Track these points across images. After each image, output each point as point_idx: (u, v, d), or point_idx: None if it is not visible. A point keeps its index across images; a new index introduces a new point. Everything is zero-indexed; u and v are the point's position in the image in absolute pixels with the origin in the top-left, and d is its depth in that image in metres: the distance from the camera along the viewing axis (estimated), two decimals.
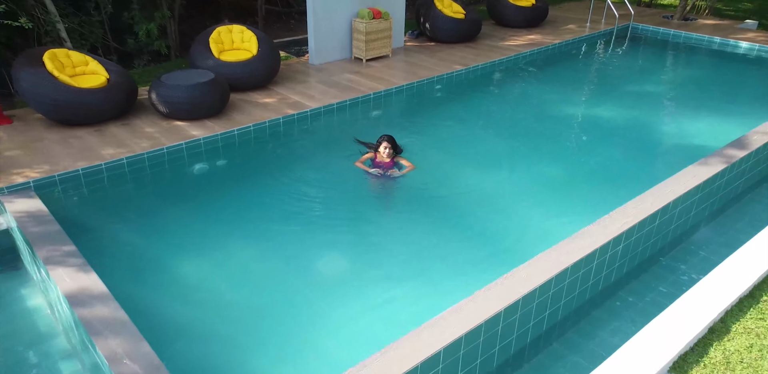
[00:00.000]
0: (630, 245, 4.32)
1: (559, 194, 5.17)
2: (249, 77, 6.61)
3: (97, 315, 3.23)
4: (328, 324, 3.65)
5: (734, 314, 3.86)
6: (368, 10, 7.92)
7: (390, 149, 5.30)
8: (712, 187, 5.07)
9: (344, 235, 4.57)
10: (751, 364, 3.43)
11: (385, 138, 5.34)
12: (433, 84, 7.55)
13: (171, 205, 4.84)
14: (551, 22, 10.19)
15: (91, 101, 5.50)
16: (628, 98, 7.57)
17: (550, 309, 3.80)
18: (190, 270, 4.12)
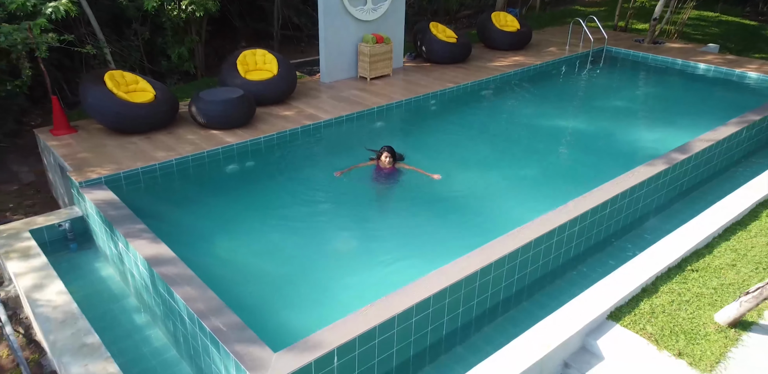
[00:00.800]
0: (585, 228, 5.36)
1: (533, 189, 6.21)
2: (271, 94, 7.71)
3: (171, 272, 4.25)
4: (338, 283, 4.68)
5: (663, 279, 4.89)
6: (372, 36, 9.07)
7: (390, 157, 6.34)
8: (657, 183, 6.13)
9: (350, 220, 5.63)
10: (670, 314, 4.45)
11: (386, 149, 6.37)
12: (428, 99, 8.66)
13: (211, 196, 5.89)
14: (534, 45, 11.36)
15: (142, 114, 6.58)
16: (597, 112, 8.69)
17: (518, 275, 4.83)
18: (229, 243, 5.16)
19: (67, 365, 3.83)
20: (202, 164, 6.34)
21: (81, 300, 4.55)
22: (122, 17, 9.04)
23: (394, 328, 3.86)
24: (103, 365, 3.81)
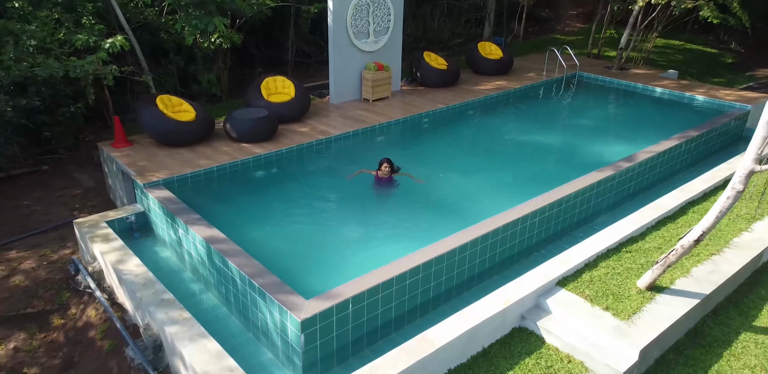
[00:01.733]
0: (544, 219, 6.72)
1: (507, 190, 7.57)
2: (289, 113, 9.13)
3: (224, 248, 5.58)
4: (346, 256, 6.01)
5: (602, 257, 6.22)
6: (373, 64, 10.54)
7: (388, 168, 7.69)
8: (605, 186, 7.51)
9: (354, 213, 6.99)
10: (604, 282, 5.78)
11: (385, 160, 7.72)
12: (422, 118, 10.09)
13: (245, 194, 7.25)
14: (515, 70, 12.86)
15: (187, 130, 7.98)
16: (566, 128, 10.11)
17: (489, 254, 6.17)
18: (262, 229, 6.50)
19: (153, 313, 5.15)
20: (236, 170, 7.72)
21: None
22: (161, 49, 10.52)
23: (392, 287, 5.19)
24: (179, 312, 5.13)
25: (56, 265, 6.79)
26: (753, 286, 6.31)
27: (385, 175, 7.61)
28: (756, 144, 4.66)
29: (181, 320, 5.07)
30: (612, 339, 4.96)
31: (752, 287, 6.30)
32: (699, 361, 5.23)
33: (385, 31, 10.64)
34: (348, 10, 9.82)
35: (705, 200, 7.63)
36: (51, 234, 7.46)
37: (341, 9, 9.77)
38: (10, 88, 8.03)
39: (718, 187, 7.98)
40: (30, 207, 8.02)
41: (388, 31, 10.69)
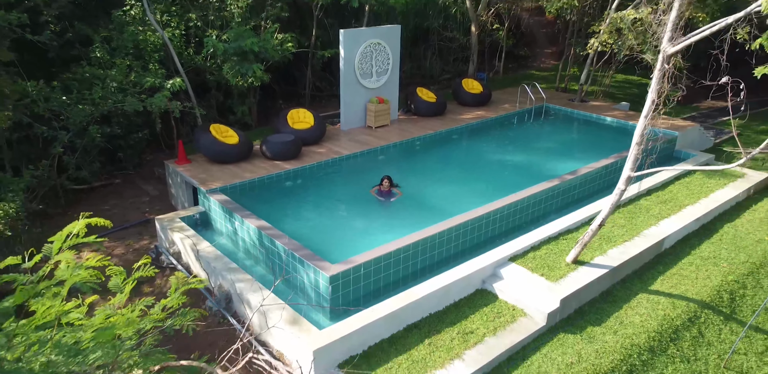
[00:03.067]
0: (504, 216, 8.92)
1: (479, 195, 9.75)
2: (310, 138, 11.41)
3: (272, 233, 7.77)
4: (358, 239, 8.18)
5: (544, 242, 8.38)
6: (376, 98, 12.89)
7: (388, 183, 9.91)
8: (553, 192, 9.73)
9: (362, 212, 9.18)
10: (543, 259, 7.94)
11: (386, 177, 9.95)
12: (415, 141, 12.38)
13: (280, 198, 9.45)
14: (493, 102, 15.22)
15: (232, 151, 10.25)
16: (531, 150, 12.40)
17: (462, 239, 8.34)
18: (295, 222, 8.67)
19: (225, 276, 7.31)
20: (272, 181, 9.96)
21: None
22: (204, 86, 12.88)
23: (391, 258, 7.37)
24: (242, 275, 7.29)
25: (139, 251, 8.96)
26: (654, 264, 8.47)
27: (386, 188, 9.85)
28: (631, 159, 6.94)
29: (245, 280, 7.24)
30: (543, 293, 7.13)
31: (653, 265, 8.46)
32: (605, 311, 7.38)
33: (385, 72, 13.03)
34: (356, 56, 12.22)
35: (630, 204, 9.85)
36: (131, 230, 9.64)
37: (350, 55, 12.17)
38: (98, 119, 10.32)
39: (641, 194, 10.22)
40: (110, 211, 10.21)
41: (387, 72, 13.08)
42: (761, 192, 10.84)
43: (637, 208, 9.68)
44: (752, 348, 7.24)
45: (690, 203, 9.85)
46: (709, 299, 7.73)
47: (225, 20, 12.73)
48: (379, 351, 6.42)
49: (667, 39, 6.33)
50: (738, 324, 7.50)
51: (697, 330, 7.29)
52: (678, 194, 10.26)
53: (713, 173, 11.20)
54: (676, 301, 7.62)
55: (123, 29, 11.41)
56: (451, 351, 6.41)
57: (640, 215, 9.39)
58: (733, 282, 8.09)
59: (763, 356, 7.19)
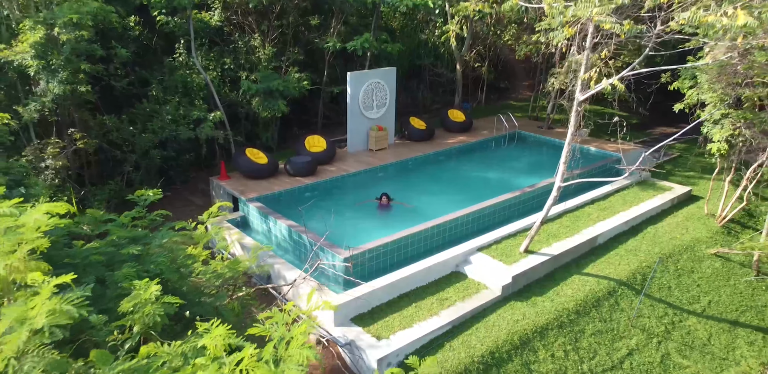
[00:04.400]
0: (476, 218, 11.42)
1: (460, 204, 12.27)
2: (323, 159, 13.98)
3: (298, 229, 10.27)
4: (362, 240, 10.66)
5: (505, 238, 10.85)
6: (376, 126, 15.51)
7: (386, 198, 12.43)
8: (517, 201, 12.25)
9: (366, 216, 11.69)
10: (503, 249, 10.41)
11: (384, 194, 12.48)
12: (408, 161, 14.95)
13: (302, 205, 11.96)
14: (475, 128, 17.85)
15: (263, 169, 12.80)
16: (503, 168, 14.97)
17: (447, 234, 10.82)
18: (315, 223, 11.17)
19: (266, 260, 9.78)
20: (293, 193, 12.48)
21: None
22: (236, 117, 15.52)
23: (388, 248, 9.85)
24: (278, 260, 9.76)
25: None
26: (588, 255, 10.94)
27: (384, 203, 12.37)
28: (559, 174, 9.50)
29: (281, 262, 9.71)
30: (500, 273, 9.60)
31: (588, 255, 10.93)
32: (546, 286, 9.82)
33: (383, 105, 15.71)
34: (360, 93, 14.90)
35: (576, 210, 12.37)
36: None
37: (355, 92, 14.85)
38: (156, 145, 12.90)
39: (587, 203, 12.74)
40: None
41: (385, 105, 15.76)
42: (683, 202, 13.37)
43: (581, 213, 12.21)
44: (654, 314, 9.70)
45: (623, 210, 12.37)
46: (626, 279, 10.20)
47: (253, 63, 15.45)
48: (379, 310, 8.85)
49: (579, 90, 8.96)
50: (645, 297, 9.96)
51: (614, 300, 9.75)
52: (615, 203, 12.80)
53: (647, 186, 13.77)
54: (600, 280, 10.08)
55: (173, 72, 14.11)
56: (431, 310, 8.84)
57: (582, 219, 11.91)
58: (646, 267, 10.57)
59: (661, 319, 9.65)
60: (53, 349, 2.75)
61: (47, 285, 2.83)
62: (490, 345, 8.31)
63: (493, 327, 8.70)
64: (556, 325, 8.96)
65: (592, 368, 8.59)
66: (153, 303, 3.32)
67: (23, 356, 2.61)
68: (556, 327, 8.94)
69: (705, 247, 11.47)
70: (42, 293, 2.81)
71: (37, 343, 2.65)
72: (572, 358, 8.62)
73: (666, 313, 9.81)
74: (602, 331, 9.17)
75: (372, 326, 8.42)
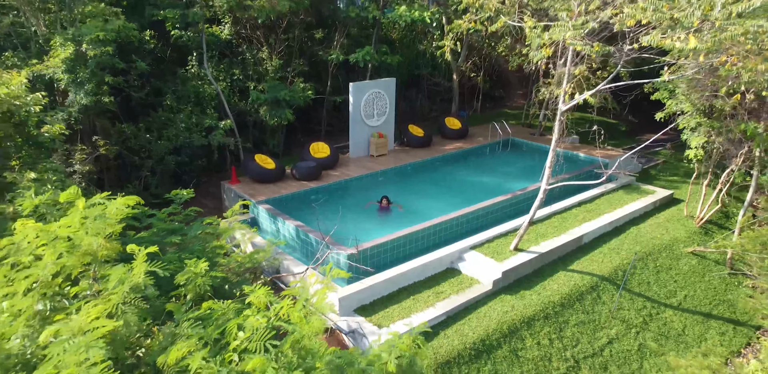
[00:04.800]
0: (471, 219, 12.22)
1: (454, 205, 13.08)
2: (328, 164, 14.79)
3: (306, 229, 11.06)
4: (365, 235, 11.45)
5: (497, 237, 11.64)
6: (376, 133, 16.34)
7: (386, 201, 13.24)
8: (508, 204, 13.05)
9: (367, 218, 12.49)
10: (495, 248, 11.20)
11: (384, 197, 13.30)
12: (407, 167, 15.77)
13: (307, 207, 12.76)
14: (470, 136, 18.68)
15: (271, 174, 13.61)
16: (497, 172, 15.79)
17: (444, 233, 11.62)
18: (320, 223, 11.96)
19: (274, 257, 10.56)
20: (301, 195, 13.28)
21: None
22: (244, 124, 16.36)
23: (387, 246, 10.65)
24: (286, 256, 10.55)
25: None
26: (575, 253, 11.72)
27: (384, 205, 13.18)
28: (545, 177, 10.32)
29: (289, 258, 10.50)
30: (491, 268, 10.39)
31: (574, 253, 11.71)
32: (534, 281, 10.59)
33: (383, 113, 16.55)
34: (361, 102, 15.75)
35: (564, 212, 13.17)
36: None
37: (357, 102, 15.70)
38: (171, 151, 13.72)
39: (574, 205, 13.55)
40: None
41: (385, 113, 16.60)
42: (665, 205, 14.17)
43: (568, 215, 13.01)
44: (633, 306, 10.48)
45: (608, 212, 13.17)
46: (608, 274, 10.98)
47: (261, 74, 16.31)
48: (380, 302, 9.63)
49: (561, 101, 9.79)
50: (626, 291, 10.74)
51: (597, 294, 10.53)
52: (601, 205, 13.60)
53: (632, 189, 14.58)
54: (584, 276, 10.87)
55: (186, 83, 14.96)
56: (427, 302, 9.62)
57: (569, 220, 12.71)
58: (627, 264, 11.36)
59: (640, 311, 10.43)
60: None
61: (141, 253, 3.70)
62: (481, 334, 9.08)
63: (484, 317, 9.48)
64: (542, 316, 9.73)
65: (575, 355, 9.36)
66: (202, 276, 4.13)
67: (125, 304, 3.44)
68: (542, 317, 9.71)
69: (683, 246, 12.27)
70: (138, 259, 3.68)
71: (132, 296, 3.49)
72: (556, 346, 9.39)
73: (644, 306, 10.59)
74: (585, 322, 9.94)
75: (373, 316, 9.19)
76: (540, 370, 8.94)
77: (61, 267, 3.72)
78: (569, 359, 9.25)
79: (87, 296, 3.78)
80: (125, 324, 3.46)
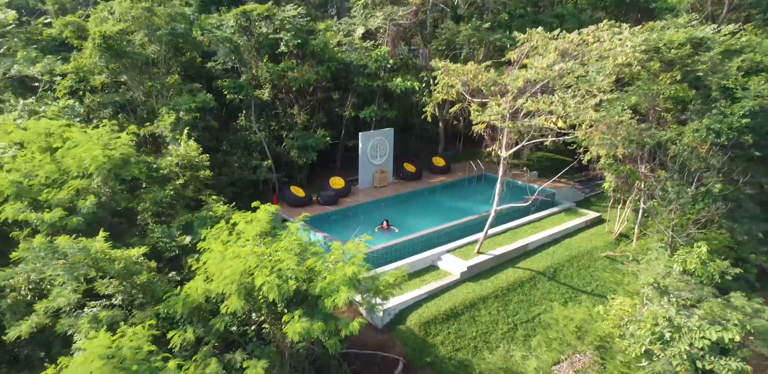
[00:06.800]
0: (448, 233, 16.53)
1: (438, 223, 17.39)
2: (343, 193, 19.15)
3: (328, 237, 15.36)
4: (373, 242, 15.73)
5: (467, 244, 15.94)
6: (379, 170, 20.82)
7: (386, 224, 17.56)
8: (475, 222, 17.39)
9: (372, 232, 16.81)
10: (464, 251, 15.49)
11: (385, 220, 17.62)
12: (402, 195, 20.15)
13: (329, 224, 17.05)
14: (453, 171, 23.13)
15: (302, 200, 17.92)
16: (471, 199, 20.19)
17: (426, 243, 15.91)
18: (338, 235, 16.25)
19: None
20: (324, 216, 17.62)
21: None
22: (279, 163, 20.85)
23: (390, 249, 14.94)
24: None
25: None
26: (522, 255, 15.94)
27: (385, 227, 17.50)
28: (495, 202, 14.75)
29: None
30: (460, 265, 14.65)
31: (521, 256, 15.93)
32: (490, 274, 14.81)
33: (384, 155, 21.09)
34: (368, 147, 20.31)
35: (517, 228, 17.48)
36: None
37: (365, 146, 20.25)
38: (228, 184, 18.12)
39: (524, 224, 17.87)
40: None
41: (386, 155, 21.14)
42: (594, 223, 18.47)
43: (520, 230, 17.32)
44: (558, 291, 14.70)
45: (550, 228, 17.49)
46: (543, 270, 15.22)
47: (291, 125, 20.94)
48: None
49: (504, 147, 14.29)
50: (554, 282, 14.96)
51: (533, 283, 14.74)
52: (545, 223, 17.94)
53: (571, 212, 18.96)
54: (526, 271, 15.10)
55: (237, 133, 19.55)
56: (415, 286, 13.81)
57: (520, 233, 17.02)
58: (557, 263, 15.62)
59: (563, 295, 14.63)
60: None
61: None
62: (451, 306, 13.26)
63: (453, 296, 13.68)
64: (494, 296, 13.93)
65: (514, 321, 13.51)
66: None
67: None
68: (493, 297, 13.91)
69: (600, 251, 16.55)
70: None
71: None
72: (502, 315, 13.55)
73: (566, 291, 14.79)
74: (523, 301, 14.13)
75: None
76: (490, 329, 13.09)
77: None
78: (510, 323, 13.40)
79: None
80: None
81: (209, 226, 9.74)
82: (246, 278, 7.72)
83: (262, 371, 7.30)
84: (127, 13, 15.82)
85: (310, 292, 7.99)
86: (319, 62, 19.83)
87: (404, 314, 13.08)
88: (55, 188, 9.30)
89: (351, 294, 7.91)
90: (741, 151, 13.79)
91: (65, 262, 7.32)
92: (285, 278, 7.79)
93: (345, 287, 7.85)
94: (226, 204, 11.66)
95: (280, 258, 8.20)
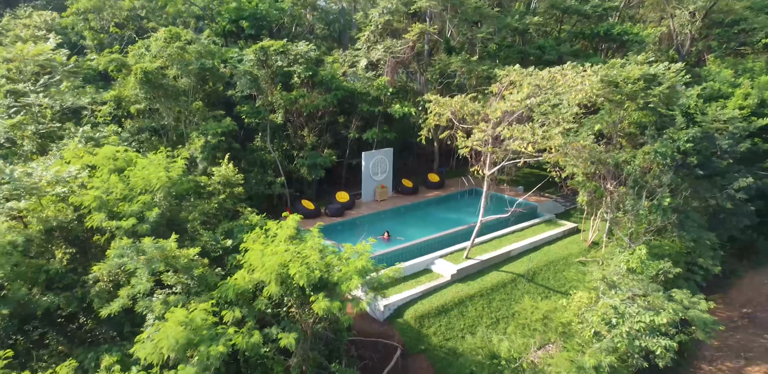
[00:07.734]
0: (441, 241, 18.80)
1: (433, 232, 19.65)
2: (348, 206, 21.42)
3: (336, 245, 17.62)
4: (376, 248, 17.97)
5: (456, 251, 18.18)
6: (380, 185, 23.15)
7: (387, 234, 19.81)
8: (464, 231, 19.66)
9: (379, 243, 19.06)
10: (455, 257, 17.73)
11: (386, 230, 19.89)
12: (401, 208, 22.44)
13: (336, 232, 19.30)
14: (446, 186, 25.44)
15: (312, 212, 20.23)
16: (461, 211, 22.48)
17: (421, 249, 18.16)
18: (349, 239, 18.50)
19: None
20: (337, 226, 19.83)
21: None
22: (290, 179, 23.17)
23: (393, 254, 17.20)
24: None
25: None
26: (506, 261, 18.14)
27: (386, 237, 19.77)
28: (481, 214, 17.08)
29: None
30: (451, 268, 16.89)
31: (505, 261, 18.14)
32: (477, 276, 17.02)
33: (385, 171, 23.46)
34: (370, 165, 22.69)
35: (502, 237, 19.76)
36: None
37: (368, 165, 22.61)
38: (246, 199, 20.39)
39: (508, 233, 20.14)
40: None
41: (386, 172, 23.50)
42: (571, 233, 20.74)
43: (504, 239, 19.59)
44: (536, 291, 16.92)
45: (531, 237, 19.77)
46: (523, 273, 17.46)
47: (301, 145, 23.33)
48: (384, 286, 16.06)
49: (487, 168, 16.66)
50: (533, 283, 17.19)
51: (514, 284, 16.97)
52: (527, 233, 20.22)
53: (551, 223, 21.26)
54: (508, 274, 17.33)
55: (253, 153, 21.93)
56: (411, 286, 16.03)
57: (504, 242, 19.29)
58: (536, 267, 17.86)
59: (541, 294, 16.86)
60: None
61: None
62: (442, 303, 15.47)
63: (444, 294, 15.89)
64: (479, 295, 16.16)
65: (497, 316, 15.71)
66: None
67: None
68: (479, 296, 16.13)
69: (574, 257, 18.81)
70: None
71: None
72: (486, 311, 15.76)
73: (543, 291, 17.00)
74: (505, 299, 16.34)
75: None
76: (475, 322, 15.29)
77: None
78: (493, 318, 15.59)
79: None
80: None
81: (247, 232, 11.99)
82: (282, 269, 9.97)
83: (293, 340, 9.51)
84: (163, 50, 18.32)
85: (330, 280, 10.22)
86: (327, 90, 22.32)
87: (402, 309, 15.28)
88: (127, 202, 11.52)
89: (361, 282, 10.14)
90: (688, 170, 16.18)
91: (144, 258, 9.54)
92: (312, 268, 10.05)
93: (356, 275, 10.09)
94: (259, 215, 13.88)
95: (307, 254, 10.46)
